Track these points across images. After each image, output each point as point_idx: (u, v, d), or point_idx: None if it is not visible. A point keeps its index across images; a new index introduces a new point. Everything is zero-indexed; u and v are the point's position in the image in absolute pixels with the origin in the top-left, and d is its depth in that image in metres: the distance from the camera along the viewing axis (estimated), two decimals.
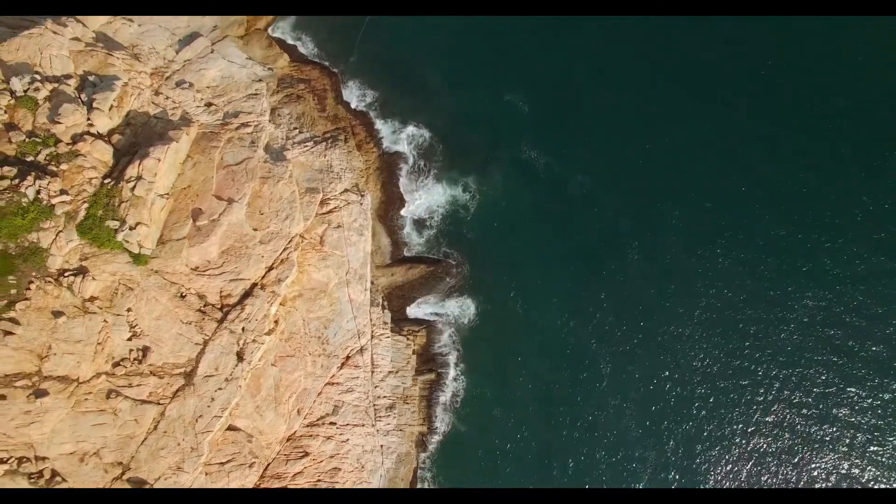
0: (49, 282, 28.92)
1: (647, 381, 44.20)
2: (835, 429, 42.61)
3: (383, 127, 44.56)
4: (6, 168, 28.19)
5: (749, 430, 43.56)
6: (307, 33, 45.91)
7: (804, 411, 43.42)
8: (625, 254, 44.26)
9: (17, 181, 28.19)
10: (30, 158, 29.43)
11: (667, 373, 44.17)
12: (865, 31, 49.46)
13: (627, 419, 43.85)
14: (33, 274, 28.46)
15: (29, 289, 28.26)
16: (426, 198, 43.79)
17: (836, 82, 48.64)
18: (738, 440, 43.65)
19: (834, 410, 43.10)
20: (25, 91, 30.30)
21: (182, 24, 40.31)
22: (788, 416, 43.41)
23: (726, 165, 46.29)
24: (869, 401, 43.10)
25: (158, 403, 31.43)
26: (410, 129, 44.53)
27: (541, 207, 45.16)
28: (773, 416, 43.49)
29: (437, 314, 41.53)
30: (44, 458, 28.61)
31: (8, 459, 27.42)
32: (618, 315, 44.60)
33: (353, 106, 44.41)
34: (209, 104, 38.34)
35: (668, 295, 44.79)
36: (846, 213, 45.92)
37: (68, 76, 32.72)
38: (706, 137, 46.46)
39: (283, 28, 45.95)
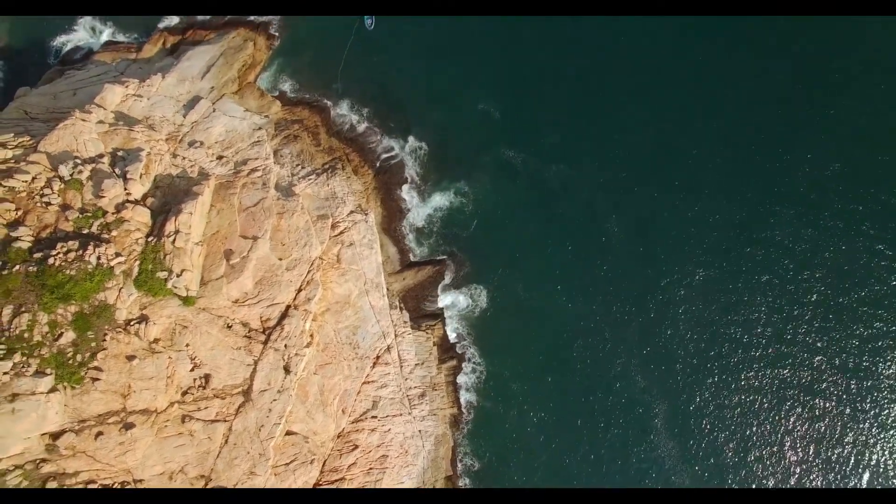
0: (119, 332, 34.01)
1: (647, 338, 49.36)
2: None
3: (373, 149, 49.47)
4: (70, 242, 33.25)
5: (752, 383, 48.98)
6: (292, 76, 50.58)
7: (810, 348, 49.00)
8: (605, 227, 49.41)
9: (80, 252, 33.23)
10: (86, 231, 34.51)
11: (660, 327, 49.36)
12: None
13: (633, 374, 49.00)
14: (106, 327, 33.52)
15: (104, 340, 33.31)
16: (422, 207, 48.88)
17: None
18: (742, 394, 48.94)
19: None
20: (71, 175, 35.35)
21: (183, 90, 45.42)
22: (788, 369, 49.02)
23: (680, 139, 51.72)
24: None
25: (225, 421, 36.54)
26: (398, 147, 49.53)
27: (527, 200, 50.18)
28: (771, 364, 48.99)
29: (449, 307, 46.72)
30: (140, 481, 33.69)
31: (112, 485, 32.50)
32: (610, 284, 49.77)
33: (344, 135, 49.43)
34: (220, 157, 43.45)
35: (650, 259, 50.04)
36: (793, 170, 51.43)
37: (101, 155, 37.83)
38: (656, 119, 51.79)
39: (269, 76, 50.80)
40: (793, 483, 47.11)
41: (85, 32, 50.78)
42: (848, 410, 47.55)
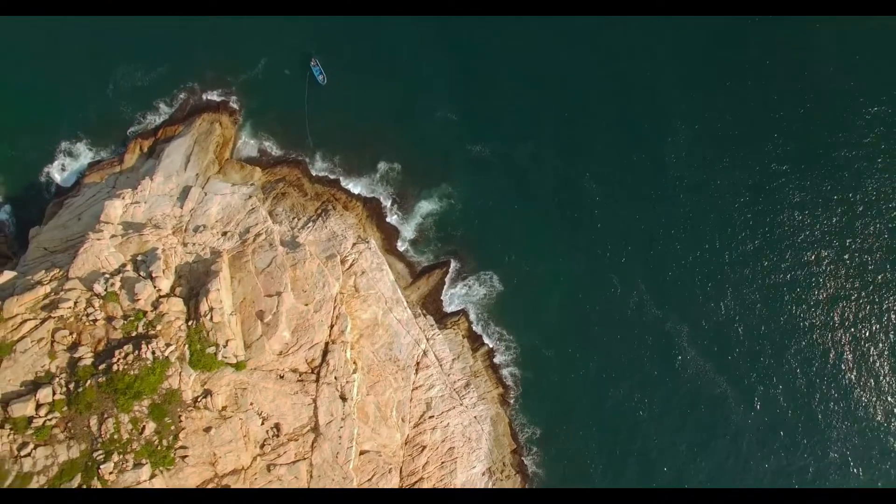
0: (191, 410, 37.96)
1: (651, 272, 53.70)
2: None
3: (355, 184, 53.18)
4: (125, 347, 37.21)
5: (753, 284, 53.44)
6: (263, 141, 54.02)
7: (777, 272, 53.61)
8: (583, 187, 53.53)
9: (136, 352, 37.17)
10: (134, 333, 38.46)
11: (660, 259, 53.64)
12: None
13: (649, 308, 53.12)
14: (178, 409, 37.49)
15: (181, 420, 37.28)
16: (414, 219, 52.79)
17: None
18: (749, 297, 53.54)
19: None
20: (106, 290, 39.27)
21: (173, 185, 49.27)
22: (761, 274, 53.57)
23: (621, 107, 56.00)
24: None
25: (304, 458, 40.49)
26: (376, 174, 53.28)
27: (505, 183, 54.19)
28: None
29: (466, 299, 50.66)
30: None
31: None
32: (603, 234, 53.99)
33: (325, 180, 53.01)
34: (224, 233, 47.32)
35: (633, 201, 54.22)
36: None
37: (124, 265, 41.74)
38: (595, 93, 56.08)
39: (243, 148, 54.37)
40: (817, 373, 51.39)
41: (66, 158, 53.85)
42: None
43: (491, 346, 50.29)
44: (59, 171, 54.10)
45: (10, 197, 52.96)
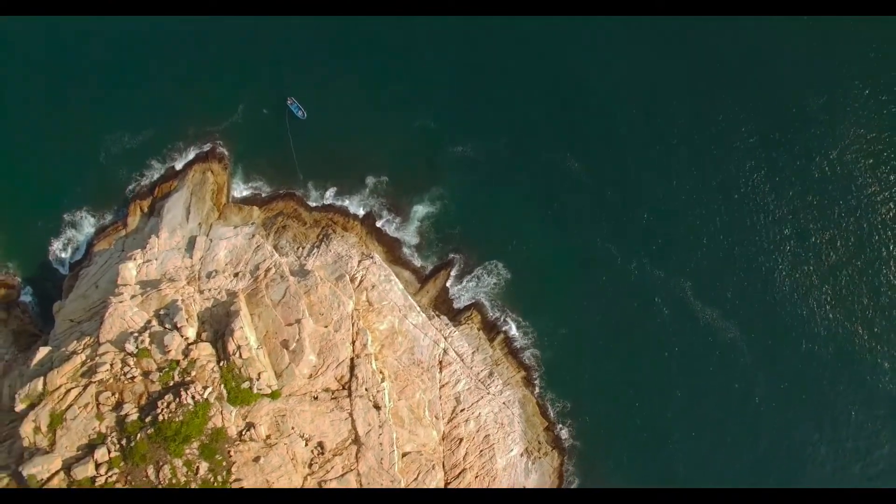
0: (237, 444, 40.15)
1: (648, 237, 56.07)
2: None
3: (349, 204, 55.36)
4: (166, 397, 39.40)
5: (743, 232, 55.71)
6: (256, 180, 56.32)
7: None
8: (567, 168, 55.77)
9: (177, 400, 39.37)
10: (172, 383, 40.65)
11: (656, 224, 56.00)
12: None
13: (651, 271, 55.53)
14: (226, 446, 39.68)
15: (231, 455, 39.47)
16: (412, 225, 54.92)
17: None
18: (741, 246, 56.27)
19: None
20: (137, 347, 41.49)
21: (179, 238, 51.47)
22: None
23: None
24: None
25: (352, 470, 42.68)
26: (367, 191, 55.46)
27: (494, 177, 56.38)
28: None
29: (477, 291, 52.86)
30: None
31: None
32: (595, 210, 56.35)
33: (321, 207, 55.20)
34: (236, 274, 49.48)
35: (619, 175, 56.54)
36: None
37: (149, 321, 43.90)
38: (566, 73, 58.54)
39: (237, 189, 56.52)
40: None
41: (71, 231, 55.61)
42: None
43: (508, 331, 52.42)
44: (68, 245, 56.02)
45: (27, 278, 54.99)
